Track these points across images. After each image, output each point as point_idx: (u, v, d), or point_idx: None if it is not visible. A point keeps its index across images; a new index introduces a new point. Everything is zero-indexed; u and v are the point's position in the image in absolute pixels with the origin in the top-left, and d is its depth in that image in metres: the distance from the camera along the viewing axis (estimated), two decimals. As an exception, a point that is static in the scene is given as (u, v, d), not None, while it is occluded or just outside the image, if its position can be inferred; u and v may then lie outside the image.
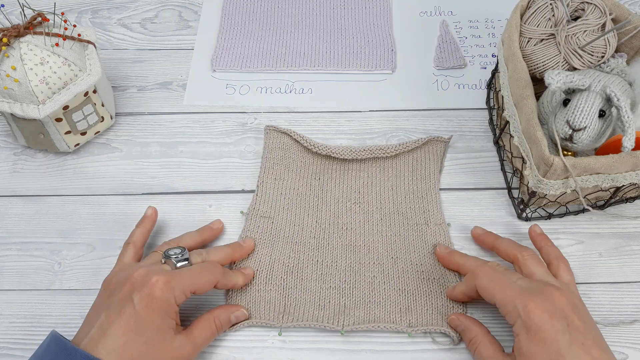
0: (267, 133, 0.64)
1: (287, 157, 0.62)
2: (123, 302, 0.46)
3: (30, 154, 0.65)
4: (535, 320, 0.44)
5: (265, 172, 0.61)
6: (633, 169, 0.51)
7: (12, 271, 0.57)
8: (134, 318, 0.45)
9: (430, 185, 0.61)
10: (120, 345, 0.44)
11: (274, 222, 0.59)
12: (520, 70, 0.54)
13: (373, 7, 0.77)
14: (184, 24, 0.76)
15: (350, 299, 0.54)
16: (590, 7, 0.56)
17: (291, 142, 0.63)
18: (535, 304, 0.45)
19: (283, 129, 0.63)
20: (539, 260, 0.51)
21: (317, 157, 0.63)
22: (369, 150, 0.62)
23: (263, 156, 0.63)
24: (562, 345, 0.43)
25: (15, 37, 0.56)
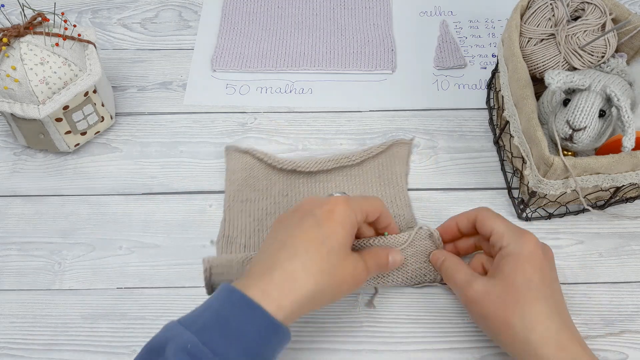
0: (227, 154, 0.62)
1: (251, 177, 0.61)
2: (304, 218, 0.45)
3: (30, 154, 0.65)
4: (531, 247, 0.46)
5: (230, 196, 0.60)
6: (633, 169, 0.51)
7: (12, 271, 0.57)
8: (315, 227, 0.44)
9: (398, 189, 0.60)
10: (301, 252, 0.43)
11: (246, 247, 0.57)
12: (520, 70, 0.54)
13: (373, 7, 0.77)
14: (184, 24, 0.76)
15: None
16: (590, 7, 0.56)
17: (254, 161, 0.62)
18: (532, 238, 0.48)
19: (244, 149, 0.62)
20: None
21: (282, 173, 0.61)
22: (334, 160, 0.60)
23: (226, 179, 0.61)
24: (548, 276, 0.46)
25: (15, 37, 0.56)
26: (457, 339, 0.53)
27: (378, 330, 0.53)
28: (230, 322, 0.40)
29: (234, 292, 0.41)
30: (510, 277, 0.45)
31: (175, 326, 0.41)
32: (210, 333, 0.40)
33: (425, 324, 0.53)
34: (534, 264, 0.46)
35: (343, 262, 0.45)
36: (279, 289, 0.42)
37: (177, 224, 0.60)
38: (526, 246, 0.47)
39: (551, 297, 0.45)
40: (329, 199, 0.47)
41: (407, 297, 0.55)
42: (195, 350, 0.39)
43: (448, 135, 0.66)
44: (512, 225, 0.49)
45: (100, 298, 0.55)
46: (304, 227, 0.44)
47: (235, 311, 0.41)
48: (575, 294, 0.55)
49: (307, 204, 0.47)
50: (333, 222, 0.45)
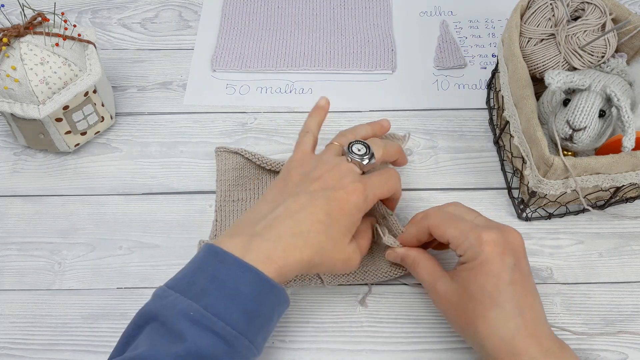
0: (217, 155, 0.62)
1: (242, 177, 0.61)
2: (315, 195, 0.46)
3: (30, 154, 0.65)
4: (487, 252, 0.44)
5: (222, 196, 0.60)
6: (633, 169, 0.51)
7: (12, 271, 0.57)
8: (325, 212, 0.45)
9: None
10: (305, 231, 0.45)
11: None
12: (520, 70, 0.54)
13: (373, 7, 0.77)
14: (184, 24, 0.76)
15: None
16: (590, 7, 0.56)
17: (244, 161, 0.62)
18: (490, 237, 0.44)
19: (234, 149, 0.62)
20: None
21: (272, 173, 0.62)
22: None
23: (217, 179, 0.61)
24: (503, 281, 0.43)
25: (15, 37, 0.56)
26: (457, 339, 0.53)
27: (378, 330, 0.53)
28: (227, 284, 0.41)
29: (226, 256, 0.42)
30: (465, 285, 0.45)
31: (168, 292, 0.41)
32: (209, 296, 0.40)
33: (425, 324, 0.53)
34: (487, 270, 0.44)
35: (339, 249, 0.47)
36: (280, 259, 0.43)
37: (177, 224, 0.60)
38: (481, 251, 0.44)
39: (509, 300, 0.43)
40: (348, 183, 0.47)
41: (407, 297, 0.55)
42: (199, 316, 0.39)
43: (448, 135, 0.66)
44: (469, 226, 0.46)
45: (100, 298, 0.55)
46: (316, 206, 0.45)
47: (231, 273, 0.41)
48: (575, 294, 0.55)
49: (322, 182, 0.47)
50: (342, 213, 0.46)
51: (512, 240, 0.45)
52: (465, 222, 0.47)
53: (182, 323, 0.39)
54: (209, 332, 0.39)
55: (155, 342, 0.39)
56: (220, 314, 0.40)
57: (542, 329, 0.44)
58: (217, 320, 0.39)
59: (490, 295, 0.43)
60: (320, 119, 0.55)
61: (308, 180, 0.48)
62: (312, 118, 0.55)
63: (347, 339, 0.53)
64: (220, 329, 0.39)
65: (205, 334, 0.39)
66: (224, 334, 0.39)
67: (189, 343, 0.38)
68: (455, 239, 0.46)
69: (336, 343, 0.53)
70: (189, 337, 0.38)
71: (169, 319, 0.39)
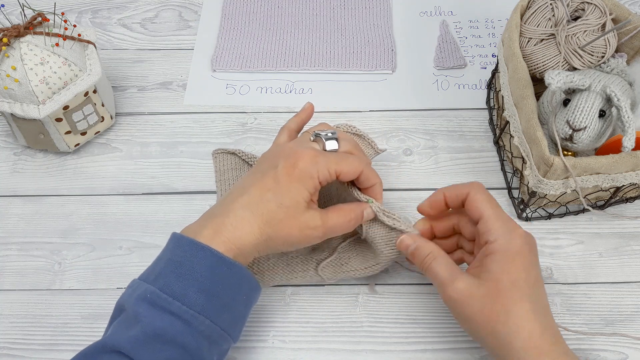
0: (215, 157, 0.63)
1: (241, 176, 0.61)
2: (267, 168, 0.47)
3: (30, 154, 0.65)
4: (519, 244, 0.44)
5: (222, 195, 0.60)
6: (633, 169, 0.51)
7: (12, 271, 0.57)
8: (273, 179, 0.46)
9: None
10: (254, 201, 0.45)
11: None
12: (520, 70, 0.54)
13: (373, 7, 0.77)
14: (184, 24, 0.76)
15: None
16: (590, 7, 0.56)
17: (242, 161, 0.62)
18: (519, 232, 0.45)
19: (231, 150, 0.63)
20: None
21: None
22: None
23: (217, 180, 0.62)
24: (534, 277, 0.44)
25: (15, 37, 0.56)
26: (457, 339, 0.53)
27: (378, 330, 0.53)
28: (183, 265, 0.42)
29: (181, 238, 0.43)
30: (496, 277, 0.43)
31: (135, 282, 0.43)
32: (165, 279, 0.41)
33: (425, 324, 0.53)
34: (520, 263, 0.43)
35: (292, 219, 0.45)
36: (229, 232, 0.44)
37: (177, 224, 0.59)
38: (514, 243, 0.44)
39: (535, 298, 0.43)
40: (298, 151, 0.47)
41: (407, 297, 0.55)
42: (155, 297, 0.40)
43: (448, 135, 0.66)
44: (502, 214, 0.46)
45: (100, 298, 0.55)
46: (265, 178, 0.46)
47: (186, 254, 0.42)
48: (575, 294, 0.55)
49: (280, 151, 0.48)
50: (290, 178, 0.46)
51: (533, 241, 0.46)
52: (502, 210, 0.46)
53: (140, 306, 0.40)
54: (165, 312, 0.40)
55: (117, 328, 0.41)
56: (175, 293, 0.40)
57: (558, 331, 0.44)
58: (172, 300, 0.40)
59: (521, 289, 0.43)
60: (301, 118, 0.55)
61: (270, 156, 0.49)
62: (294, 117, 0.56)
63: (347, 339, 0.53)
64: (175, 308, 0.40)
65: (161, 314, 0.40)
66: (180, 313, 0.40)
67: (143, 324, 0.39)
68: (491, 220, 0.45)
69: (336, 343, 0.53)
70: (144, 318, 0.39)
71: (130, 305, 0.41)
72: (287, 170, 0.46)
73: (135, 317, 0.40)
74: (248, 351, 0.52)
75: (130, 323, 0.40)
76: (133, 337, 0.39)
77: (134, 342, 0.39)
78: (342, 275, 0.54)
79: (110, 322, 0.43)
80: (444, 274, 0.45)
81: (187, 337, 0.40)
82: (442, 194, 0.49)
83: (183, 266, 0.42)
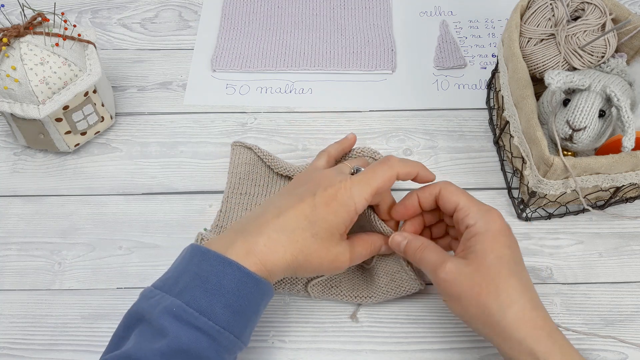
0: (233, 149, 0.63)
1: (254, 172, 0.62)
2: (305, 193, 0.46)
3: (30, 154, 0.65)
4: (499, 223, 0.45)
5: (231, 188, 0.61)
6: (633, 169, 0.51)
7: (12, 271, 0.57)
8: (311, 208, 0.45)
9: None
10: (290, 227, 0.44)
11: None
12: (520, 70, 0.54)
13: (373, 7, 0.77)
14: (184, 24, 0.76)
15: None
16: (590, 7, 0.56)
17: (257, 157, 0.62)
18: (497, 213, 0.46)
19: (249, 145, 0.63)
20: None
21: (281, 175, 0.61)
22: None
23: (229, 171, 0.62)
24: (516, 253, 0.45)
25: (15, 37, 0.56)
26: (457, 339, 0.53)
27: (378, 330, 0.53)
28: (210, 280, 0.41)
29: (208, 252, 0.43)
30: (482, 256, 0.44)
31: (154, 292, 0.42)
32: (192, 293, 0.41)
33: (425, 324, 0.53)
34: (503, 240, 0.45)
35: (325, 250, 0.45)
36: (262, 253, 0.43)
37: (177, 224, 0.60)
38: (493, 223, 0.45)
39: (522, 274, 0.44)
40: (335, 182, 0.46)
41: (407, 297, 0.55)
42: (181, 312, 0.40)
43: (448, 135, 0.66)
44: (477, 201, 0.47)
45: (100, 298, 0.55)
46: (302, 204, 0.45)
47: (213, 269, 0.41)
48: (575, 294, 0.55)
49: (317, 180, 0.48)
50: (328, 208, 0.45)
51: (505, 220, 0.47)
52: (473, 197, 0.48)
53: (166, 320, 0.39)
54: (191, 327, 0.39)
55: (140, 339, 0.40)
56: (202, 309, 0.40)
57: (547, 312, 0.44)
58: (199, 316, 0.40)
59: (507, 264, 0.44)
60: (342, 147, 0.57)
61: (307, 180, 0.48)
62: (335, 144, 0.57)
63: (347, 339, 0.53)
64: (202, 324, 0.40)
65: (187, 329, 0.39)
66: (206, 328, 0.40)
67: (170, 338, 0.39)
68: (467, 207, 0.46)
69: (336, 343, 0.53)
70: (171, 332, 0.39)
71: (153, 317, 0.40)
72: (326, 200, 0.45)
73: (161, 330, 0.39)
74: (248, 351, 0.52)
75: (155, 336, 0.39)
76: (159, 351, 0.38)
77: (160, 356, 0.38)
78: (331, 298, 0.54)
79: (124, 331, 0.42)
80: (433, 259, 0.46)
81: (212, 353, 0.40)
82: (415, 195, 0.50)
83: (210, 281, 0.41)
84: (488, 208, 0.46)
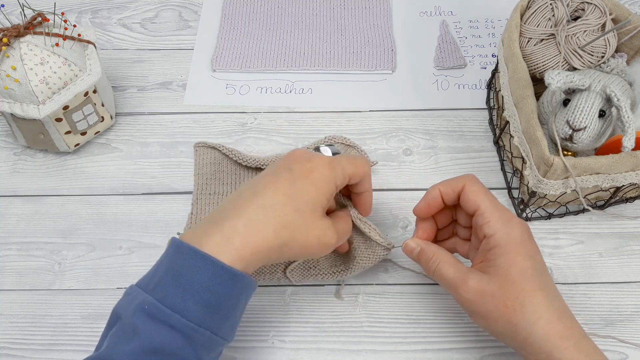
0: (196, 150, 0.63)
1: (220, 171, 0.62)
2: (280, 170, 0.44)
3: (30, 154, 0.65)
4: (519, 234, 0.44)
5: (199, 189, 0.60)
6: (633, 169, 0.51)
7: (12, 271, 0.57)
8: (288, 182, 0.43)
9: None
10: (268, 204, 0.42)
11: None
12: (520, 70, 0.54)
13: (373, 7, 0.77)
14: (184, 24, 0.76)
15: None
16: (590, 7, 0.56)
17: (222, 156, 0.62)
18: (517, 221, 0.45)
19: (212, 144, 0.63)
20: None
21: (249, 169, 0.62)
22: None
23: (195, 173, 0.62)
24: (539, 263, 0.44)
25: (15, 37, 0.56)
26: (457, 339, 0.53)
27: (378, 330, 0.53)
28: (183, 275, 0.39)
29: (182, 245, 0.40)
30: (504, 271, 0.43)
31: (133, 289, 0.41)
32: (164, 289, 0.39)
33: (425, 324, 0.53)
34: (525, 252, 0.43)
35: (309, 224, 0.44)
36: (242, 237, 0.41)
37: (177, 224, 0.60)
38: (514, 233, 0.44)
39: (545, 284, 0.43)
40: (313, 157, 0.45)
41: (407, 297, 0.55)
42: (153, 310, 0.38)
43: (448, 135, 0.66)
44: (499, 205, 0.45)
45: (100, 298, 0.55)
46: (279, 180, 0.44)
47: (186, 263, 0.40)
48: (575, 294, 0.55)
49: (292, 157, 0.46)
50: (308, 181, 0.44)
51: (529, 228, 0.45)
52: (497, 200, 0.46)
53: (138, 318, 0.38)
54: (164, 325, 0.38)
55: (113, 340, 0.39)
56: (175, 306, 0.38)
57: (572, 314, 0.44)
58: (172, 313, 0.38)
59: (531, 278, 0.43)
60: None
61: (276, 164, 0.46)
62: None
63: (347, 339, 0.53)
64: (175, 321, 0.38)
65: (160, 328, 0.38)
66: (179, 326, 0.38)
67: (141, 338, 0.37)
68: (488, 212, 0.45)
69: (336, 343, 0.53)
70: (142, 332, 0.38)
71: (127, 315, 0.39)
72: (305, 173, 0.44)
73: (133, 329, 0.38)
74: (248, 351, 0.52)
75: (127, 336, 0.38)
76: (130, 352, 0.37)
77: (132, 358, 0.37)
78: (311, 279, 0.54)
79: (107, 330, 0.41)
80: (453, 276, 0.45)
81: (188, 350, 0.38)
82: (438, 190, 0.48)
83: (183, 277, 0.39)
84: (509, 217, 0.45)
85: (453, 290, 0.45)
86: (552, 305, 0.43)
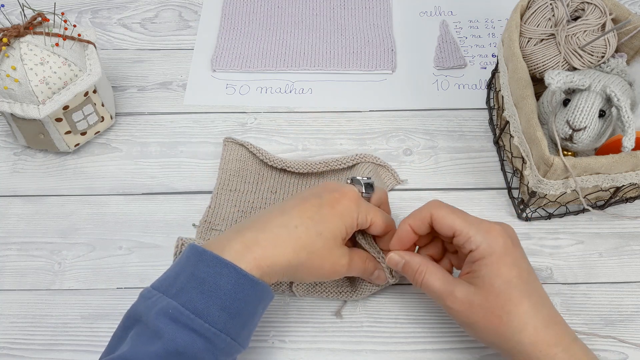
0: (225, 145, 0.63)
1: (244, 169, 0.62)
2: (310, 196, 0.46)
3: (30, 154, 0.65)
4: (501, 244, 0.44)
5: (221, 184, 0.61)
6: (633, 169, 0.51)
7: (12, 271, 0.57)
8: (315, 208, 0.45)
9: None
10: (293, 224, 0.44)
11: None
12: (520, 70, 0.54)
13: (373, 7, 0.77)
14: (184, 24, 0.76)
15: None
16: (590, 7, 0.56)
17: (248, 154, 0.62)
18: (497, 229, 0.45)
19: (241, 141, 0.63)
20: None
21: (273, 170, 0.62)
22: (325, 163, 0.61)
23: (220, 167, 0.62)
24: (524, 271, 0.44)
25: (15, 37, 0.56)
26: (457, 339, 0.53)
27: (378, 330, 0.53)
28: (207, 281, 0.41)
29: (205, 253, 0.42)
30: (489, 282, 0.43)
31: (152, 293, 0.41)
32: (188, 294, 0.40)
33: (425, 324, 0.53)
34: (509, 261, 0.43)
35: (327, 250, 0.45)
36: (262, 249, 0.42)
37: (177, 224, 0.60)
38: (496, 243, 0.44)
39: (532, 292, 0.43)
40: (342, 188, 0.47)
41: (407, 297, 0.55)
42: (177, 314, 0.39)
43: (448, 135, 0.66)
44: (473, 219, 0.45)
45: (100, 298, 0.55)
46: (307, 204, 0.46)
47: (210, 270, 0.41)
48: (575, 294, 0.55)
49: (323, 186, 0.48)
50: (333, 210, 0.46)
51: (511, 232, 0.46)
52: (468, 214, 0.46)
53: (161, 321, 0.39)
54: (187, 329, 0.39)
55: (136, 342, 0.40)
56: (198, 311, 0.40)
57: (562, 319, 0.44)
58: (195, 318, 0.39)
59: (516, 287, 0.43)
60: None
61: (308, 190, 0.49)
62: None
63: (347, 339, 0.53)
64: (198, 326, 0.39)
65: (183, 332, 0.39)
66: (202, 331, 0.39)
67: (165, 341, 0.38)
68: (465, 230, 0.44)
69: (336, 343, 0.53)
70: (166, 335, 0.39)
71: (150, 319, 0.40)
72: (332, 202, 0.46)
73: (156, 332, 0.39)
74: (248, 351, 0.52)
75: (151, 338, 0.39)
76: (154, 354, 0.38)
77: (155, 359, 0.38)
78: (316, 295, 0.54)
79: (122, 331, 0.41)
80: (439, 287, 0.45)
81: (208, 355, 0.40)
82: (407, 225, 0.48)
83: (207, 283, 0.41)
84: (487, 227, 0.44)
85: (441, 301, 0.45)
86: (539, 312, 0.43)
